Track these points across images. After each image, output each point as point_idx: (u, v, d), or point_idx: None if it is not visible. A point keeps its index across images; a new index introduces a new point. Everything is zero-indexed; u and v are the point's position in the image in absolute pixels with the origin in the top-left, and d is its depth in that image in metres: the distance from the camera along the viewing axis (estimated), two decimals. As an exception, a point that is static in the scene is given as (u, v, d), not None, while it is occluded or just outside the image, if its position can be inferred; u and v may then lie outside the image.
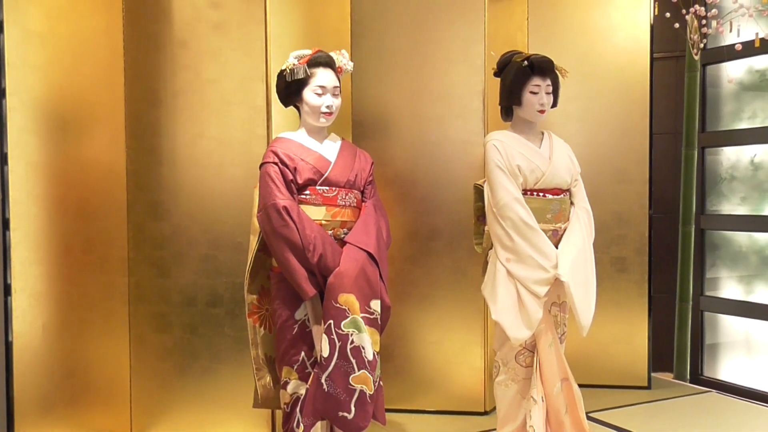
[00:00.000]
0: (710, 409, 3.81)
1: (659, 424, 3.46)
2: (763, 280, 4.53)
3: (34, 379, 2.76)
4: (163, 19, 3.11)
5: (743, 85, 4.63)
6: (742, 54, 4.30)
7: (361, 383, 2.40)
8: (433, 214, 3.58)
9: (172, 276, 3.13)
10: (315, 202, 2.53)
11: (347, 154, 2.65)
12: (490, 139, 2.77)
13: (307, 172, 2.52)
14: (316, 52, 2.58)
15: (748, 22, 4.16)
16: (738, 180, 4.65)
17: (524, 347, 2.74)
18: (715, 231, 4.76)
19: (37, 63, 2.78)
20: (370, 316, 2.44)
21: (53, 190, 2.86)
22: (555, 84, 2.75)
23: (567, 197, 2.80)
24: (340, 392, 2.40)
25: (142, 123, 3.16)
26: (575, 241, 2.71)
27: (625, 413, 3.58)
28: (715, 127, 4.74)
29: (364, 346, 2.40)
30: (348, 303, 2.41)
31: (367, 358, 2.40)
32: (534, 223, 2.64)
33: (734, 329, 4.72)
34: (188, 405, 3.14)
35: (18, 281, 2.69)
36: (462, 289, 3.56)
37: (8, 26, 2.65)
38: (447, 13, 3.55)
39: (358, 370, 2.40)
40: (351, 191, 2.60)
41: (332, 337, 2.40)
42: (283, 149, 2.53)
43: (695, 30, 4.30)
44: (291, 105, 2.64)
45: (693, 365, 4.67)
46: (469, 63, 3.53)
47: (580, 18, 4.00)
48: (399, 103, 3.61)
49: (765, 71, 4.50)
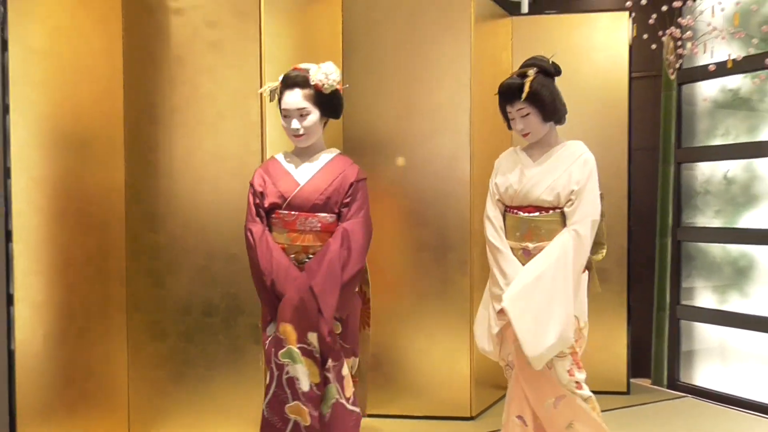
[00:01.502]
0: (686, 413, 3.83)
1: (638, 428, 3.48)
2: (737, 290, 4.55)
3: (36, 385, 2.74)
4: (161, 37, 3.11)
5: (717, 103, 4.67)
6: (715, 74, 4.34)
7: (295, 414, 2.33)
8: (422, 226, 3.58)
9: (168, 286, 3.11)
10: (278, 226, 2.46)
11: (325, 175, 2.48)
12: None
13: (272, 197, 2.45)
14: (292, 70, 2.47)
15: (721, 43, 4.21)
16: (712, 194, 4.67)
17: (507, 364, 2.62)
18: (691, 243, 4.78)
19: (39, 80, 2.78)
20: (306, 347, 2.34)
21: (54, 202, 2.84)
22: (533, 104, 2.52)
23: (550, 215, 2.55)
24: (277, 420, 2.34)
25: (140, 137, 3.15)
26: (537, 265, 2.48)
27: (605, 417, 3.53)
28: (691, 144, 4.77)
29: (298, 377, 2.31)
30: (286, 333, 2.33)
31: (302, 389, 2.32)
32: (498, 241, 2.54)
33: (709, 337, 4.73)
34: (184, 411, 3.11)
35: (20, 291, 2.67)
36: (449, 298, 3.56)
37: (12, 44, 2.64)
38: (434, 33, 3.57)
39: (291, 401, 2.32)
40: (315, 215, 2.44)
41: (271, 365, 2.36)
42: (263, 171, 2.50)
43: (671, 51, 4.34)
44: None
45: (670, 371, 4.68)
46: (456, 80, 3.55)
47: (562, 38, 4.02)
48: (388, 119, 3.62)
49: (737, 90, 4.54)
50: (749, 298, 4.49)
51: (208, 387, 3.07)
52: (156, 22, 3.10)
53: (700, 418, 3.71)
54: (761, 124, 4.45)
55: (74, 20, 2.93)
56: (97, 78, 3.05)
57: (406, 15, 3.57)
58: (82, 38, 2.97)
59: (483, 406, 3.78)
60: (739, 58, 4.07)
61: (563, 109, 2.64)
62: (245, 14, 3.00)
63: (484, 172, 3.68)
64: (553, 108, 2.57)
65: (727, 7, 4.20)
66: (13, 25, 2.64)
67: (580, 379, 2.52)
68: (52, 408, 2.82)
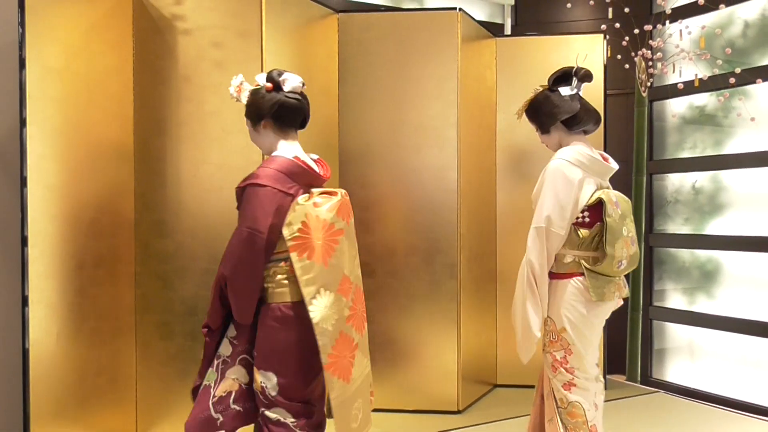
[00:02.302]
0: (658, 407, 3.89)
1: (613, 421, 3.50)
2: (704, 292, 4.66)
3: (49, 382, 2.76)
4: (169, 57, 3.15)
5: (685, 119, 4.79)
6: (683, 92, 4.43)
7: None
8: (412, 232, 3.63)
9: (175, 288, 3.14)
10: None
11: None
12: None
13: None
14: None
15: (689, 64, 4.31)
16: (681, 203, 4.78)
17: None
18: (662, 248, 4.88)
19: (55, 96, 2.81)
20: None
21: (68, 210, 2.86)
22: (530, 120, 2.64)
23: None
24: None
25: (149, 150, 3.19)
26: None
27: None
28: (661, 156, 4.88)
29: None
30: None
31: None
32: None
33: (679, 336, 4.82)
34: (189, 406, 3.01)
35: (34, 293, 2.69)
36: (437, 300, 3.61)
37: (30, 63, 2.68)
38: (424, 54, 3.62)
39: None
40: None
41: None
42: None
43: (643, 70, 4.43)
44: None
45: (643, 368, 4.73)
46: (443, 98, 3.60)
47: (542, 59, 4.08)
48: (381, 133, 3.66)
49: (704, 107, 4.66)
50: (716, 300, 4.61)
51: (212, 383, 3.13)
52: (165, 42, 3.14)
53: (671, 412, 3.78)
54: (726, 139, 4.58)
55: (88, 41, 2.97)
56: (110, 94, 3.08)
57: (397, 37, 3.62)
58: (96, 57, 3.00)
59: (469, 401, 3.83)
60: (705, 77, 4.18)
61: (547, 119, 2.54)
62: (248, 36, 3.06)
63: (470, 182, 3.79)
64: (538, 121, 2.57)
65: (694, 31, 4.32)
66: (30, 45, 2.69)
67: (554, 385, 2.48)
68: (64, 403, 2.85)
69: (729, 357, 4.50)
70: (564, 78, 2.52)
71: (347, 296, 2.09)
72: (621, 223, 2.40)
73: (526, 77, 4.07)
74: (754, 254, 4.38)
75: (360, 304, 2.19)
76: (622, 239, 2.39)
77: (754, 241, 4.34)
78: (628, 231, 2.42)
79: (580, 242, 2.42)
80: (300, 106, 2.22)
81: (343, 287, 2.07)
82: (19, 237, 2.72)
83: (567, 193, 2.39)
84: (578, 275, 2.42)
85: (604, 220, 2.39)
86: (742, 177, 4.48)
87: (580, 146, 2.50)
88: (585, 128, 2.54)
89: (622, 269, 2.44)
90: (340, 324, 2.06)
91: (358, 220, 3.67)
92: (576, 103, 2.49)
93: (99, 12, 3.03)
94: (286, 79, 2.19)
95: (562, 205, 2.38)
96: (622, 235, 2.39)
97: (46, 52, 2.78)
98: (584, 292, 2.41)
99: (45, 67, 2.77)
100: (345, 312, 2.07)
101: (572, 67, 2.50)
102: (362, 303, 2.21)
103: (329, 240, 2.06)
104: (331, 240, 2.06)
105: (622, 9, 4.31)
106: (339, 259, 2.07)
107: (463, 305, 3.67)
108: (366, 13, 3.77)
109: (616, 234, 2.37)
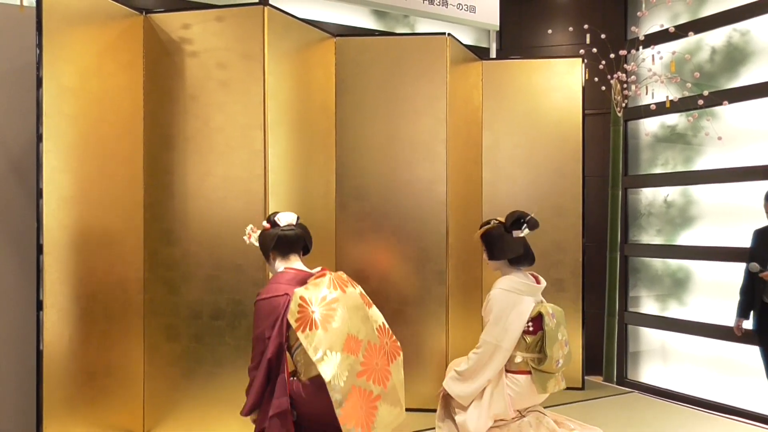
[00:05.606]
0: (633, 406, 3.87)
1: (591, 419, 3.46)
2: (676, 299, 4.66)
3: (61, 381, 2.75)
4: (177, 77, 3.14)
5: (657, 137, 4.80)
6: (656, 112, 4.47)
7: None
8: (404, 241, 3.61)
9: (181, 293, 3.12)
10: None
11: None
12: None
13: None
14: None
15: (661, 87, 4.34)
16: (654, 215, 4.79)
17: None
18: (636, 258, 4.88)
19: (69, 113, 2.80)
20: None
21: (80, 220, 2.85)
22: (483, 244, 2.84)
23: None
24: None
25: (158, 163, 3.17)
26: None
27: (563, 410, 3.63)
28: (636, 172, 4.89)
29: None
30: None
31: None
32: None
33: (652, 339, 4.82)
34: (194, 404, 3.12)
35: (49, 298, 2.68)
36: (427, 304, 3.59)
37: (46, 82, 2.68)
38: (415, 74, 3.61)
39: None
40: None
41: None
42: None
43: (618, 92, 4.44)
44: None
45: (619, 370, 4.73)
46: (433, 115, 3.59)
47: (525, 80, 4.08)
48: (375, 147, 3.64)
49: (675, 127, 4.68)
50: (686, 306, 4.60)
51: (215, 382, 3.08)
52: (173, 63, 3.14)
53: (645, 411, 3.75)
54: (695, 156, 4.59)
55: (101, 62, 2.96)
56: (121, 112, 3.07)
57: (390, 59, 3.62)
58: (108, 77, 3.00)
59: (456, 400, 3.81)
60: (675, 99, 4.19)
61: (497, 254, 2.79)
62: (251, 58, 3.05)
63: (458, 194, 3.77)
64: (489, 251, 2.82)
65: (665, 56, 4.35)
66: (47, 66, 2.68)
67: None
68: (76, 402, 2.83)
69: (698, 359, 4.49)
70: (516, 222, 2.77)
71: (356, 354, 2.13)
72: (557, 330, 2.73)
73: (510, 97, 4.10)
74: (721, 263, 4.37)
75: (376, 358, 2.19)
76: (557, 343, 2.72)
77: (722, 251, 4.33)
78: (562, 335, 2.76)
79: (527, 346, 2.73)
80: (296, 236, 2.35)
81: (348, 346, 2.11)
82: (34, 245, 2.69)
83: (507, 315, 2.72)
84: (526, 373, 2.74)
85: (543, 329, 2.71)
86: (711, 192, 4.49)
87: (517, 275, 2.80)
88: (521, 266, 2.83)
89: (560, 366, 2.76)
90: (351, 379, 2.09)
91: (353, 229, 3.68)
92: (521, 247, 2.78)
93: (112, 35, 3.02)
94: (280, 218, 2.38)
95: (505, 327, 2.72)
96: (557, 339, 2.72)
97: (61, 72, 2.77)
98: (530, 386, 2.73)
99: (61, 86, 2.76)
100: (357, 368, 2.11)
101: (526, 214, 2.77)
102: (382, 357, 2.22)
103: (326, 309, 2.12)
104: (328, 309, 2.13)
105: (599, 35, 4.33)
106: (339, 323, 2.12)
107: (451, 309, 3.64)
108: (361, 37, 3.77)
109: (553, 339, 2.71)
